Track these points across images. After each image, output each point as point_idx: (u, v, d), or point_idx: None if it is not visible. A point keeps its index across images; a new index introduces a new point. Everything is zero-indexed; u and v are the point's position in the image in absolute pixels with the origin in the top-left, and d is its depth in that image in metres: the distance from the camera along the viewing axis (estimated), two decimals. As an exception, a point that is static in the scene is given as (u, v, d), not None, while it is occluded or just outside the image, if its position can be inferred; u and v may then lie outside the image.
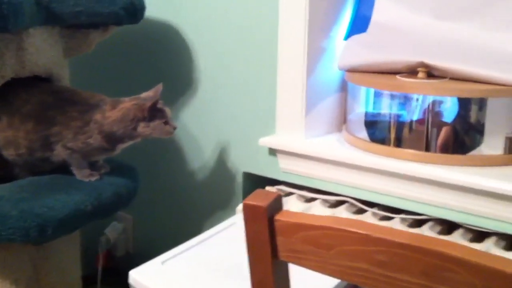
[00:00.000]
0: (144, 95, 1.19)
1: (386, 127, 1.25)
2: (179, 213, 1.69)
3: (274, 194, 0.68)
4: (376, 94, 1.28)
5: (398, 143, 1.24)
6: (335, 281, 1.02)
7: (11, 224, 1.05)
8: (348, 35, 1.40)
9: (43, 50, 1.24)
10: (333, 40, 1.38)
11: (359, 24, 1.40)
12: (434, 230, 1.19)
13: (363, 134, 1.30)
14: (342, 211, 1.29)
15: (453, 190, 1.13)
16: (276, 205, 0.67)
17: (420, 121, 1.21)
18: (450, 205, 1.15)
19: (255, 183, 1.50)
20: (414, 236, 0.59)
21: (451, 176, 1.12)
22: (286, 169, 1.40)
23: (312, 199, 1.37)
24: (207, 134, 1.57)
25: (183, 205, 1.68)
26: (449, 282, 0.56)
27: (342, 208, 1.31)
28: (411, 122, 1.22)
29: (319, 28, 1.32)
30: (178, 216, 1.70)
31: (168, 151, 1.66)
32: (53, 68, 1.28)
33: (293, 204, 1.35)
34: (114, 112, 1.15)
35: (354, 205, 1.31)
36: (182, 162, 1.64)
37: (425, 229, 1.18)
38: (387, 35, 1.32)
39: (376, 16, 1.35)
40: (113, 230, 1.79)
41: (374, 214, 1.27)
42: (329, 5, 1.34)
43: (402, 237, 0.59)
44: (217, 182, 1.57)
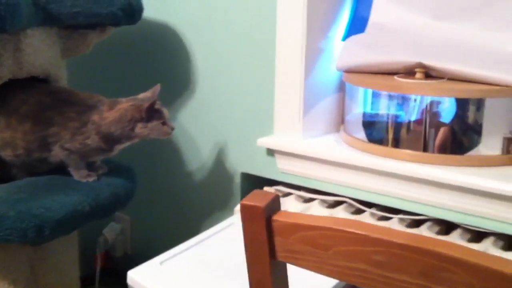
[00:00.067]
0: (141, 95, 1.19)
1: (384, 128, 1.26)
2: (177, 213, 1.69)
3: (271, 194, 0.68)
4: (374, 94, 1.28)
5: (396, 143, 1.24)
6: (333, 281, 1.02)
7: (8, 225, 1.05)
8: (346, 36, 1.40)
9: (41, 51, 1.24)
10: (331, 41, 1.38)
11: (357, 24, 1.40)
12: (432, 230, 1.19)
13: (361, 134, 1.30)
14: (340, 212, 1.29)
15: (451, 191, 1.13)
16: (273, 205, 0.67)
17: (418, 121, 1.21)
18: (448, 205, 1.15)
19: (253, 183, 1.50)
20: (412, 237, 0.59)
21: (449, 177, 1.12)
22: (284, 169, 1.40)
23: (310, 200, 1.37)
24: (205, 134, 1.57)
25: (181, 205, 1.68)
26: (447, 282, 0.56)
27: (340, 209, 1.31)
28: (409, 122, 1.22)
29: (317, 28, 1.32)
30: (176, 216, 1.70)
31: (166, 152, 1.66)
32: (51, 69, 1.28)
33: (291, 204, 1.35)
34: (111, 113, 1.15)
35: (352, 205, 1.31)
36: (180, 163, 1.64)
37: (423, 230, 1.18)
38: (385, 36, 1.32)
39: (374, 17, 1.35)
40: (111, 230, 1.79)
41: (372, 214, 1.27)
42: (327, 6, 1.34)
43: (400, 237, 0.59)
44: (215, 183, 1.57)
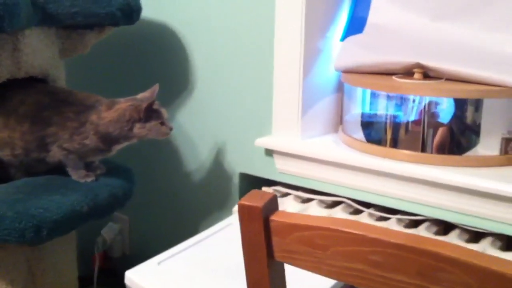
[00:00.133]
0: (140, 96, 1.19)
1: (382, 128, 1.26)
2: (176, 213, 1.69)
3: (269, 194, 0.68)
4: (372, 95, 1.28)
5: (394, 144, 1.24)
6: (331, 281, 1.02)
7: (6, 225, 1.05)
8: (345, 36, 1.40)
9: (39, 51, 1.23)
10: (330, 41, 1.38)
11: (356, 25, 1.41)
12: (431, 231, 1.19)
13: (359, 135, 1.30)
14: (338, 212, 1.29)
15: (449, 191, 1.13)
16: (271, 205, 0.67)
17: (416, 122, 1.21)
18: (446, 205, 1.15)
19: (251, 183, 1.50)
20: (409, 237, 0.59)
21: (447, 177, 1.12)
22: (283, 169, 1.40)
23: (309, 200, 1.37)
24: (204, 134, 1.57)
25: (179, 206, 1.68)
26: (445, 282, 0.56)
27: (338, 209, 1.31)
28: (407, 123, 1.22)
29: (316, 28, 1.32)
30: (175, 216, 1.70)
31: (164, 152, 1.66)
32: (49, 69, 1.28)
33: (290, 204, 1.35)
34: (110, 113, 1.15)
35: (350, 205, 1.31)
36: (179, 163, 1.64)
37: (421, 230, 1.18)
38: (383, 36, 1.32)
39: (373, 17, 1.35)
40: (110, 231, 1.79)
41: (371, 214, 1.27)
42: (325, 6, 1.34)
43: (397, 237, 0.59)
44: (213, 183, 1.57)
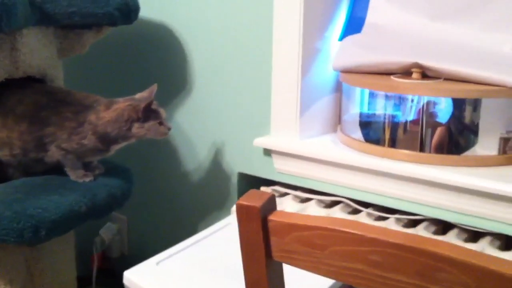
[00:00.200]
0: (138, 95, 1.19)
1: (381, 128, 1.26)
2: (174, 213, 1.69)
3: (267, 194, 0.68)
4: (371, 94, 1.28)
5: (393, 143, 1.24)
6: (330, 281, 1.02)
7: (4, 225, 1.05)
8: (343, 36, 1.40)
9: (37, 51, 1.23)
10: (328, 41, 1.38)
11: (354, 24, 1.41)
12: (429, 230, 1.19)
13: (358, 134, 1.30)
14: (337, 212, 1.29)
15: (448, 191, 1.13)
16: (269, 205, 0.67)
17: (415, 121, 1.21)
18: (445, 205, 1.15)
19: (250, 183, 1.50)
20: (408, 236, 0.59)
21: (445, 177, 1.12)
22: (281, 169, 1.40)
23: (307, 200, 1.37)
24: (202, 134, 1.56)
25: (178, 205, 1.68)
26: (443, 282, 0.56)
27: (337, 209, 1.31)
28: (405, 122, 1.22)
29: (314, 28, 1.32)
30: (173, 216, 1.70)
31: (162, 152, 1.66)
32: (47, 68, 1.27)
33: (289, 204, 1.35)
34: (108, 113, 1.15)
35: (349, 205, 1.31)
36: (177, 163, 1.64)
37: (420, 229, 1.18)
38: (381, 36, 1.32)
39: (371, 17, 1.35)
40: (108, 231, 1.79)
41: (369, 214, 1.27)
42: (324, 6, 1.34)
43: (396, 237, 0.59)
44: (212, 183, 1.57)
